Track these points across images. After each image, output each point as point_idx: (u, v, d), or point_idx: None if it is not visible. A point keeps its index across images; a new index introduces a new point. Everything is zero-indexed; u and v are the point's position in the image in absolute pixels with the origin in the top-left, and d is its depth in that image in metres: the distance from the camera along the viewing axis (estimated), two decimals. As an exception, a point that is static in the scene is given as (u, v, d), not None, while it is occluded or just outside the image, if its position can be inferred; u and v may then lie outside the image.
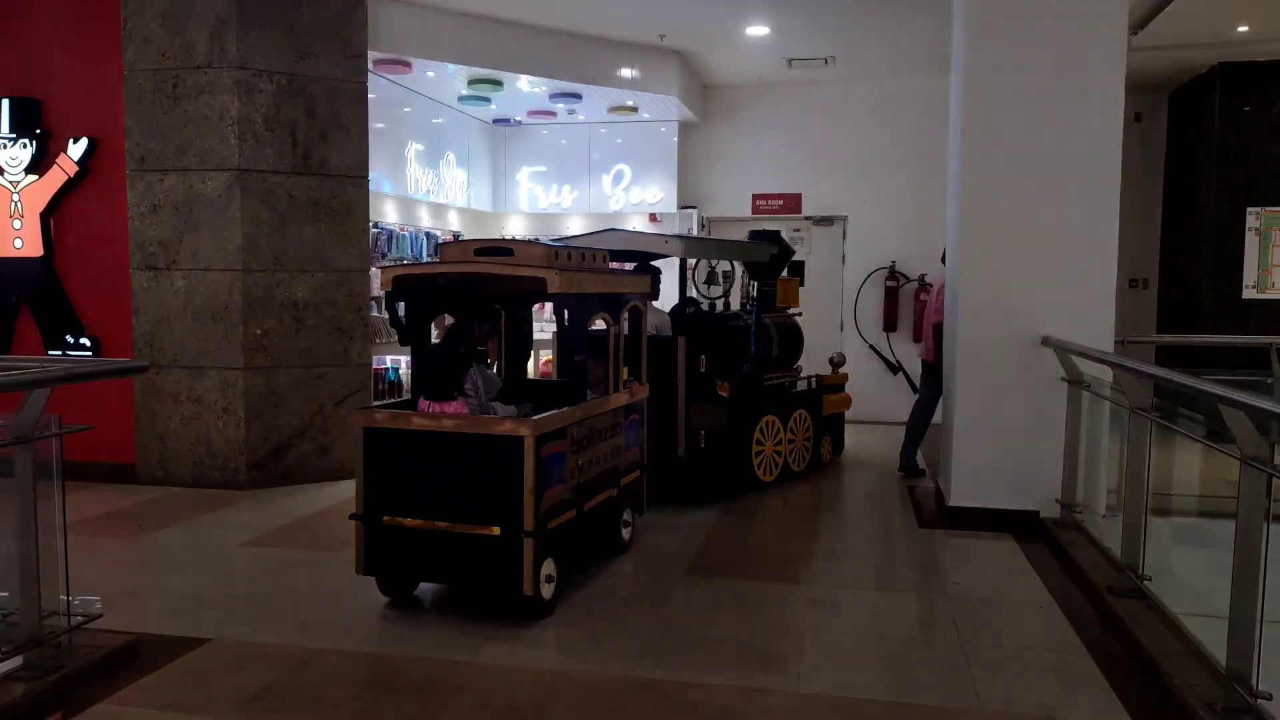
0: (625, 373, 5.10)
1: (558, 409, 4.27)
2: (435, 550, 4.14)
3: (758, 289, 7.09)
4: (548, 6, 7.92)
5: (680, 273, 7.32)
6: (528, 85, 8.91)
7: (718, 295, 7.43)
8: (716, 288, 7.46)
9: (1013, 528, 5.63)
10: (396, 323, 4.54)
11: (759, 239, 7.40)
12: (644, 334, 5.41)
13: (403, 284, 4.42)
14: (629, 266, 6.78)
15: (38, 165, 6.86)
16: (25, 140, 6.85)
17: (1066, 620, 4.23)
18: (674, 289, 7.43)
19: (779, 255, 7.39)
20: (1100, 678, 3.62)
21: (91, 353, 6.88)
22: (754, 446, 6.78)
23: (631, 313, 5.19)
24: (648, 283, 5.40)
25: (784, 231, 9.02)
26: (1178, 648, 3.62)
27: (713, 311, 7.22)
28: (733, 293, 7.53)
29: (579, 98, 9.32)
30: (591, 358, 4.65)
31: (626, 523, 5.18)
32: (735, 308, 7.49)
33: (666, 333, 6.30)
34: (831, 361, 8.13)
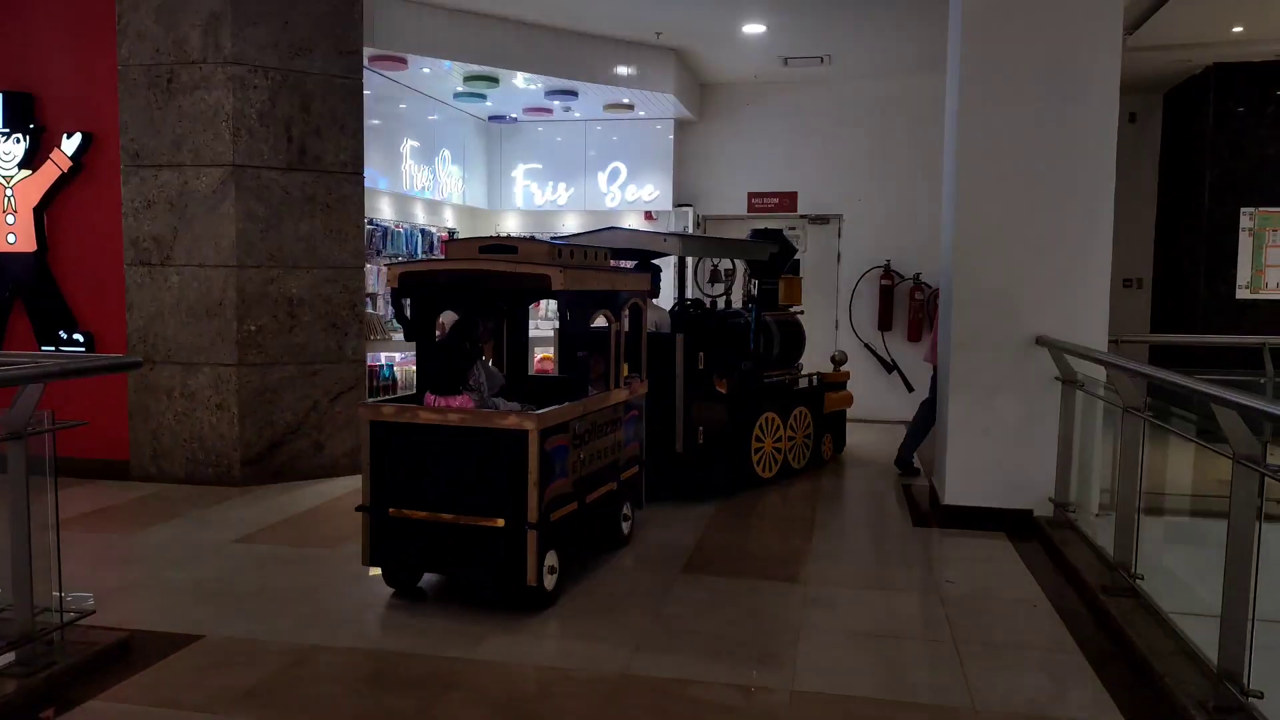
0: (626, 369, 5.16)
1: (558, 404, 4.31)
2: (440, 542, 4.21)
3: (758, 287, 7.09)
4: (544, 3, 7.90)
5: (679, 271, 7.33)
6: (523, 82, 8.90)
7: (719, 293, 7.45)
8: (719, 285, 7.48)
9: (1007, 526, 5.64)
10: (402, 318, 4.60)
11: (761, 237, 7.42)
12: (644, 331, 5.46)
13: (409, 280, 4.49)
14: (630, 265, 6.80)
15: (31, 160, 6.84)
16: (19, 135, 6.83)
17: (1059, 619, 4.25)
18: (676, 287, 7.44)
19: (780, 254, 7.42)
20: (1093, 676, 3.63)
21: (85, 348, 6.86)
22: (753, 443, 6.81)
23: (632, 310, 5.23)
24: (648, 280, 5.45)
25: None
26: (1170, 646, 3.63)
27: (713, 309, 7.25)
28: (737, 291, 7.54)
29: (575, 95, 9.30)
30: (593, 354, 4.71)
31: (626, 516, 5.24)
32: (738, 306, 7.50)
33: (666, 330, 6.34)
34: (833, 359, 8.19)
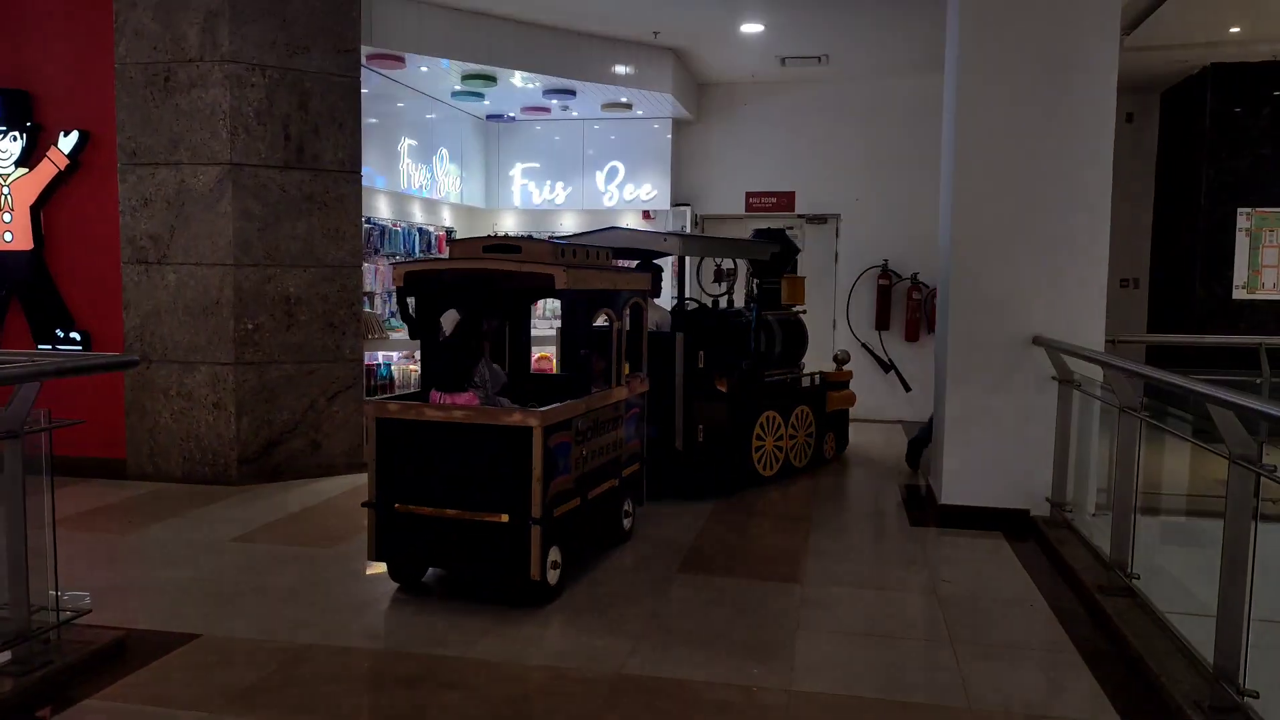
0: (627, 367, 5.20)
1: (558, 403, 4.35)
2: (445, 537, 4.27)
3: (759, 286, 7.10)
4: (542, 2, 7.90)
5: (679, 270, 7.34)
6: (521, 81, 8.89)
7: (722, 293, 7.48)
8: (721, 285, 7.50)
9: (1003, 526, 5.65)
10: (407, 317, 4.66)
11: (764, 237, 7.44)
12: (644, 330, 5.50)
13: (413, 279, 4.55)
14: (632, 264, 6.82)
15: (28, 158, 6.83)
16: (15, 133, 6.82)
17: (1056, 618, 4.25)
18: (676, 286, 7.45)
19: (783, 253, 7.44)
20: (1089, 675, 3.64)
21: (82, 347, 6.85)
22: (754, 442, 6.83)
23: (633, 309, 5.27)
24: (648, 280, 5.50)
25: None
26: (1166, 646, 3.64)
27: (715, 308, 7.27)
28: (741, 291, 7.55)
29: (573, 94, 9.30)
30: (594, 353, 4.77)
31: (627, 513, 5.30)
32: (742, 305, 7.51)
33: (667, 329, 6.38)
34: (836, 359, 8.24)
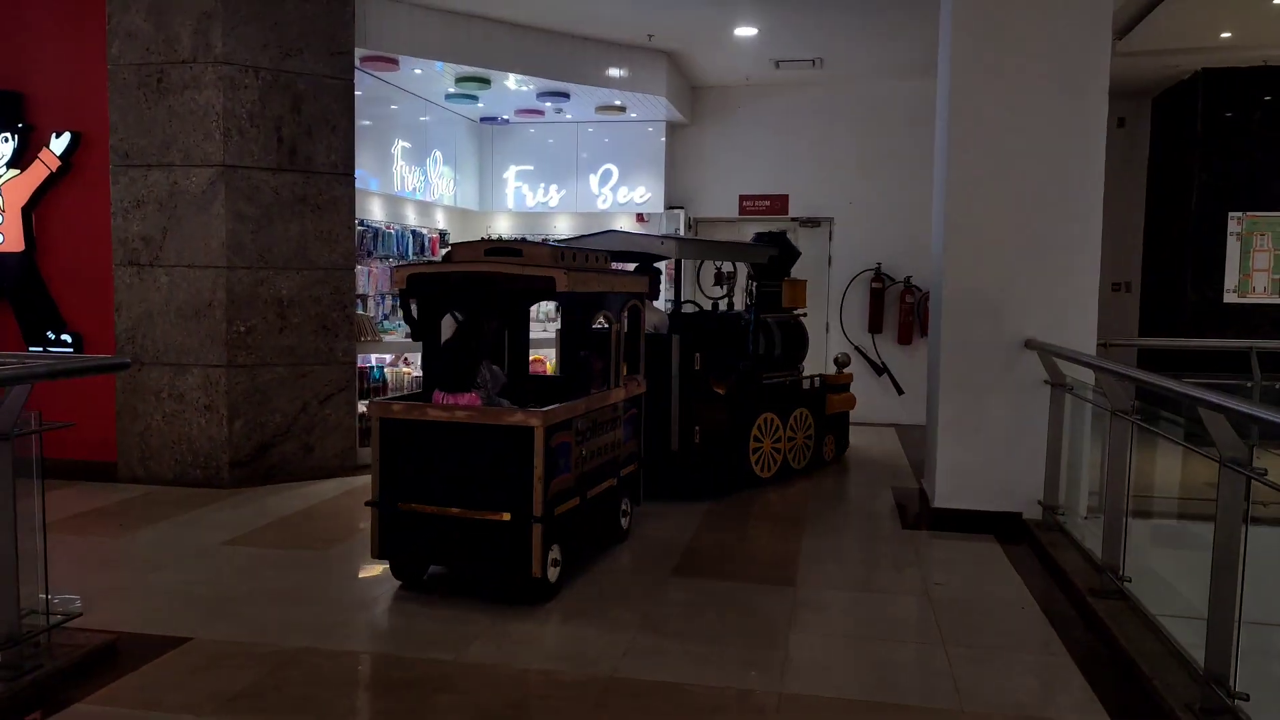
0: (625, 369, 5.25)
1: (558, 403, 4.41)
2: (447, 535, 4.33)
3: (758, 289, 7.12)
4: (536, 5, 7.90)
5: (675, 273, 7.36)
6: (515, 84, 8.89)
7: (721, 296, 7.50)
8: (722, 287, 7.53)
9: (996, 529, 5.66)
10: (410, 319, 4.73)
11: (765, 240, 7.47)
12: (642, 332, 5.56)
13: (416, 282, 4.61)
14: (630, 267, 6.85)
15: (19, 159, 6.80)
16: (7, 134, 6.79)
17: (1048, 621, 4.26)
18: (672, 289, 7.46)
19: (784, 257, 7.47)
20: (1081, 678, 3.65)
21: (73, 349, 6.82)
22: (751, 443, 6.85)
23: (631, 311, 5.32)
24: (646, 282, 5.56)
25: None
26: (1157, 648, 3.65)
27: (714, 311, 7.29)
28: (742, 294, 7.56)
29: (567, 97, 9.30)
30: (593, 354, 4.83)
31: (625, 512, 5.35)
32: (743, 308, 7.53)
33: (665, 331, 6.41)
34: (836, 361, 8.29)
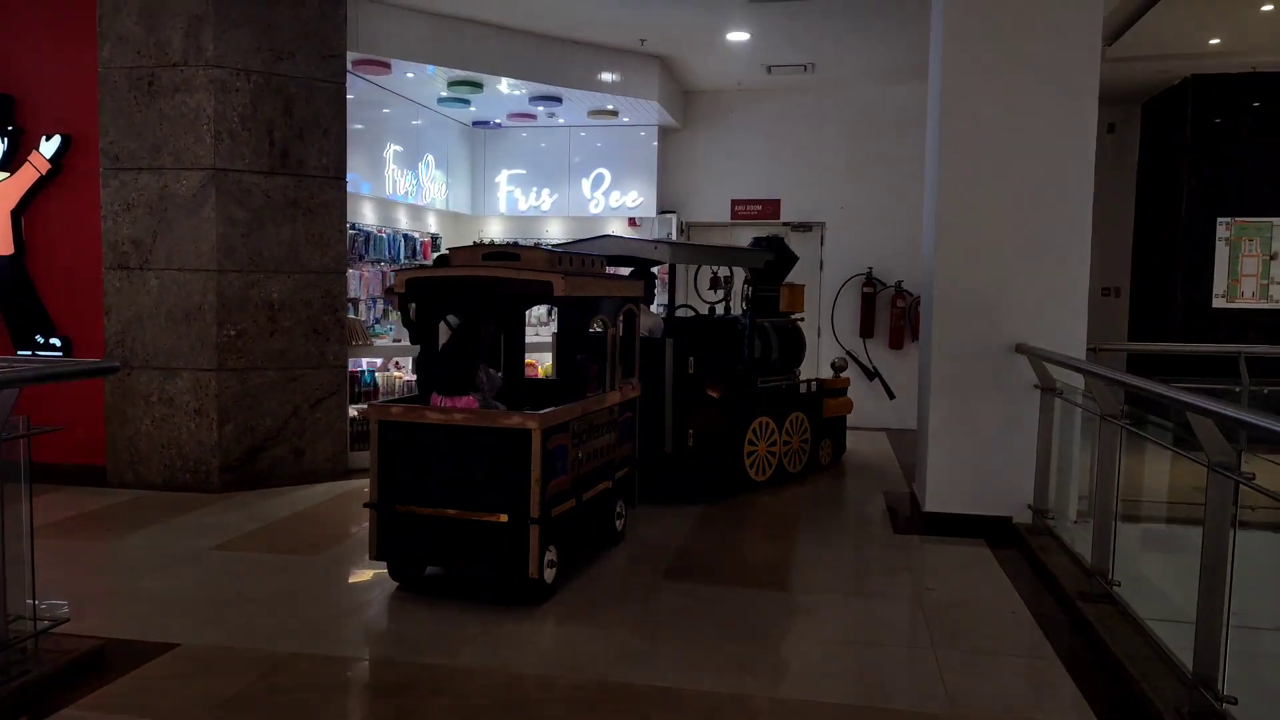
0: (620, 372, 5.30)
1: (554, 406, 4.45)
2: (445, 536, 4.37)
3: (754, 294, 7.14)
4: (528, 10, 7.91)
5: (670, 278, 7.38)
6: (507, 88, 8.89)
7: (719, 299, 7.52)
8: (718, 292, 7.55)
9: (986, 533, 5.67)
10: (408, 322, 4.78)
11: (763, 245, 7.50)
12: (636, 336, 5.62)
13: (415, 285, 4.67)
14: (625, 271, 6.88)
15: (9, 162, 6.77)
16: (-4, 137, 6.77)
17: (1037, 625, 4.27)
18: (667, 294, 7.48)
19: (781, 261, 7.50)
20: (1070, 682, 3.65)
21: (62, 353, 6.79)
22: (746, 447, 6.87)
23: (626, 315, 5.38)
24: (641, 287, 5.62)
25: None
26: (1146, 652, 3.66)
27: (710, 315, 7.30)
28: (740, 298, 7.58)
29: (559, 101, 9.31)
30: (589, 358, 4.89)
31: (619, 514, 5.40)
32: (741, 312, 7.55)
33: (660, 335, 6.43)
34: (834, 365, 8.33)
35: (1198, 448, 3.19)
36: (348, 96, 7.02)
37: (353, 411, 7.29)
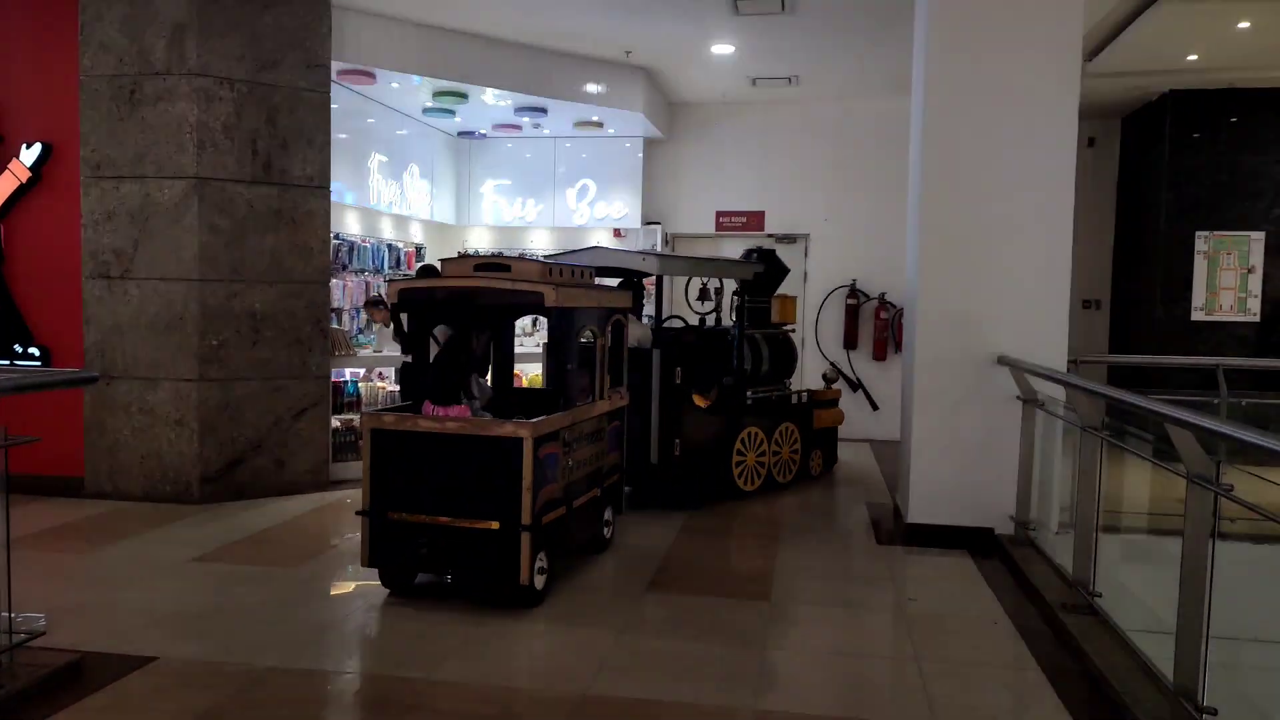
0: (608, 382, 5.35)
1: (543, 415, 4.50)
2: (437, 543, 4.40)
3: (745, 305, 7.16)
4: (514, 21, 7.92)
5: (657, 289, 7.40)
6: (493, 98, 8.90)
7: (709, 311, 7.53)
8: (709, 303, 7.57)
9: (969, 544, 5.69)
10: (400, 332, 4.71)
11: (757, 256, 7.56)
12: (625, 346, 5.67)
13: (407, 296, 4.73)
14: (614, 282, 6.91)
15: (-12, 170, 6.71)
16: (-25, 144, 6.70)
17: (1019, 636, 4.29)
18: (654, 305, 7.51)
19: (773, 273, 7.53)
20: (1052, 693, 3.66)
21: (40, 362, 6.72)
22: (734, 457, 6.88)
23: (615, 326, 5.43)
24: (629, 298, 5.68)
25: (748, 249, 9.08)
26: (1127, 663, 3.68)
27: (700, 326, 7.32)
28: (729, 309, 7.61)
29: (544, 112, 9.32)
30: (579, 368, 4.94)
31: (608, 522, 5.45)
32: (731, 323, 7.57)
33: (648, 346, 6.46)
34: (825, 377, 8.35)
35: (1177, 459, 3.21)
36: (332, 106, 7.00)
37: (335, 422, 7.25)
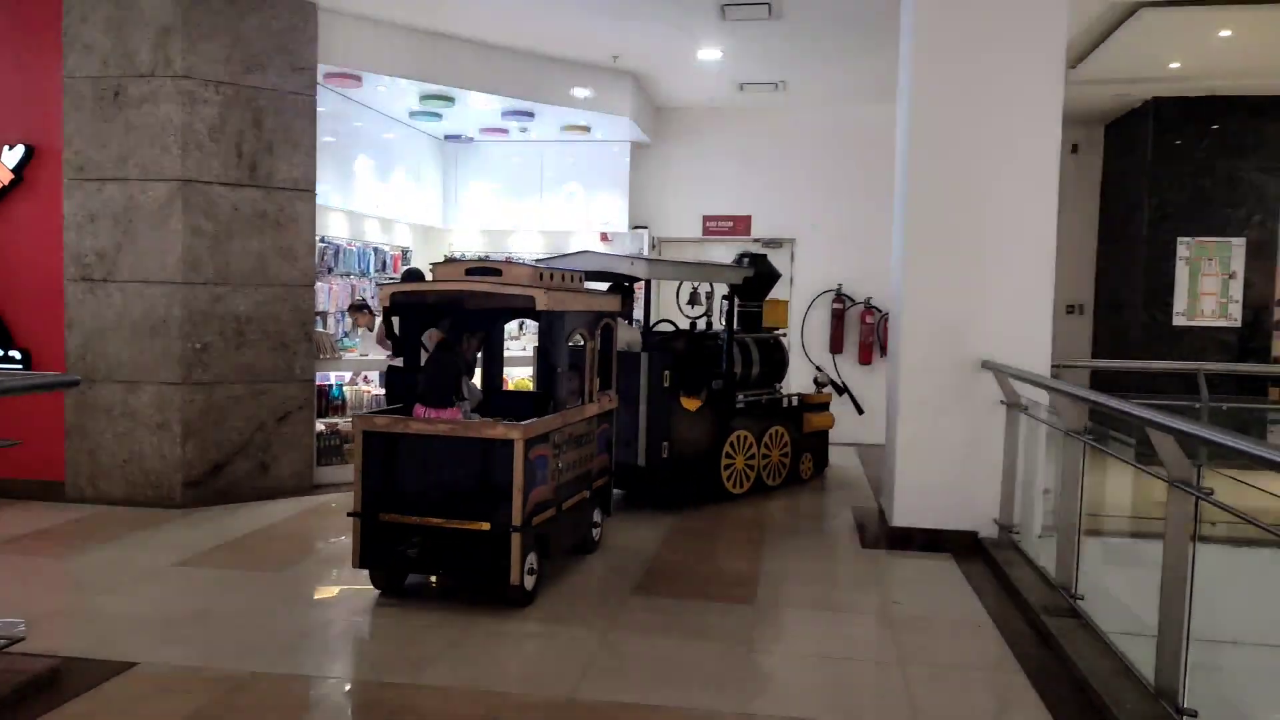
0: (597, 385, 5.38)
1: (533, 418, 4.52)
2: (428, 544, 4.41)
3: (736, 309, 7.17)
4: (501, 25, 7.92)
5: (645, 293, 7.41)
6: (480, 102, 8.89)
7: (699, 315, 7.55)
8: (699, 307, 7.60)
9: (953, 548, 5.71)
10: (392, 335, 4.86)
11: (750, 261, 7.59)
12: (614, 349, 5.71)
13: (399, 300, 4.76)
14: (604, 286, 6.93)
15: (-31, 172, 6.66)
16: (-44, 146, 6.64)
17: (1003, 639, 4.30)
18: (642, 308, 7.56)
19: (765, 278, 7.56)
20: (1034, 695, 3.68)
21: (21, 366, 6.66)
22: (723, 460, 6.90)
23: (604, 329, 5.46)
24: (619, 302, 5.73)
25: (734, 253, 9.11)
26: (1109, 665, 3.70)
27: (691, 330, 7.34)
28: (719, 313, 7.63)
29: (531, 116, 9.32)
30: (569, 370, 4.98)
31: (596, 524, 5.49)
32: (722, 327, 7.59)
33: (638, 349, 6.48)
34: (816, 381, 8.39)
35: (1159, 463, 3.24)
36: (318, 109, 6.98)
37: (320, 426, 7.22)
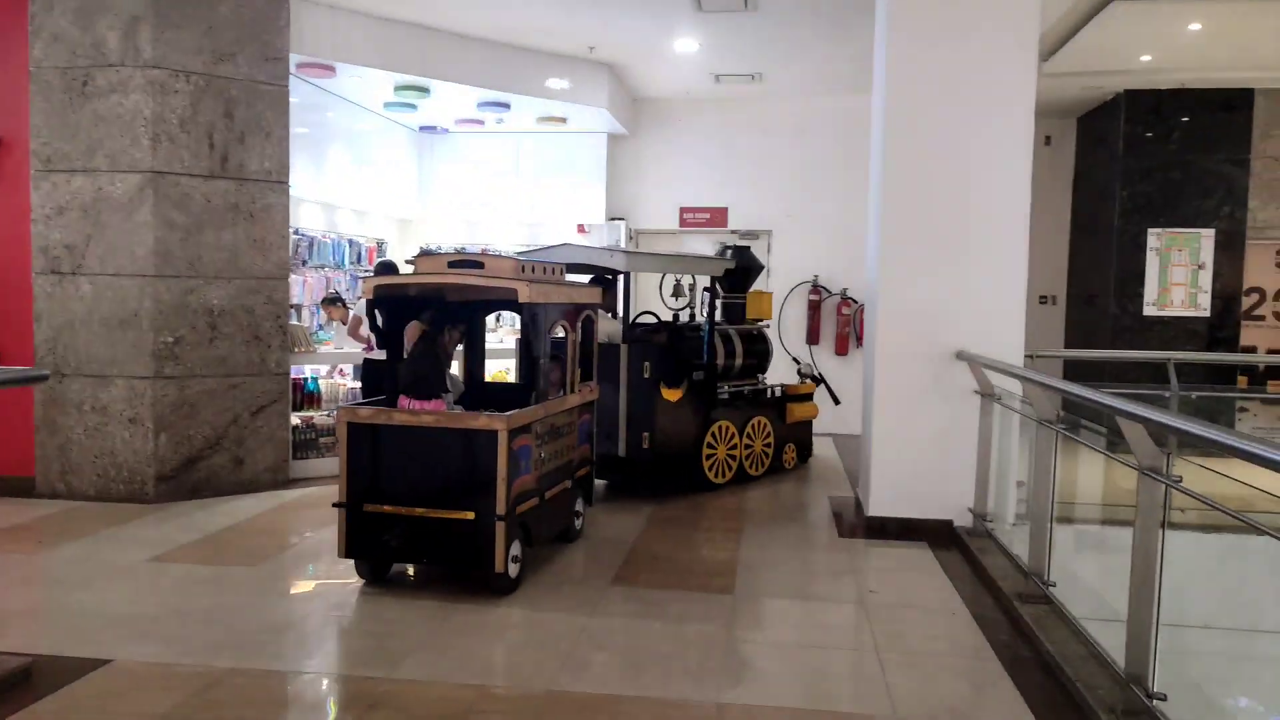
0: (579, 376, 5.44)
1: (515, 409, 4.57)
2: (412, 534, 4.48)
3: (715, 301, 7.19)
4: (476, 15, 7.87)
5: (625, 285, 7.41)
6: (455, 93, 8.83)
7: (681, 306, 7.55)
8: (682, 299, 7.61)
9: (928, 537, 5.77)
10: (376, 328, 4.93)
11: (733, 253, 7.63)
12: (594, 341, 5.77)
13: (381, 293, 4.79)
14: (585, 279, 6.96)
15: (-68, 162, 6.53)
16: (-81, 136, 6.51)
17: (977, 626, 4.36)
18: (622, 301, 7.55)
19: (748, 270, 7.58)
20: (1008, 681, 3.73)
21: (-11, 360, 6.56)
22: (705, 450, 6.93)
23: (585, 321, 5.50)
24: (600, 294, 5.76)
25: (711, 245, 9.15)
26: (1080, 651, 3.75)
27: (673, 322, 7.36)
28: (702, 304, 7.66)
29: (507, 107, 9.28)
30: (551, 362, 5.03)
31: (578, 513, 5.55)
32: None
33: (619, 341, 6.52)
34: (799, 372, 8.38)
35: (1130, 452, 3.28)
36: (291, 99, 6.90)
37: (295, 419, 7.16)
